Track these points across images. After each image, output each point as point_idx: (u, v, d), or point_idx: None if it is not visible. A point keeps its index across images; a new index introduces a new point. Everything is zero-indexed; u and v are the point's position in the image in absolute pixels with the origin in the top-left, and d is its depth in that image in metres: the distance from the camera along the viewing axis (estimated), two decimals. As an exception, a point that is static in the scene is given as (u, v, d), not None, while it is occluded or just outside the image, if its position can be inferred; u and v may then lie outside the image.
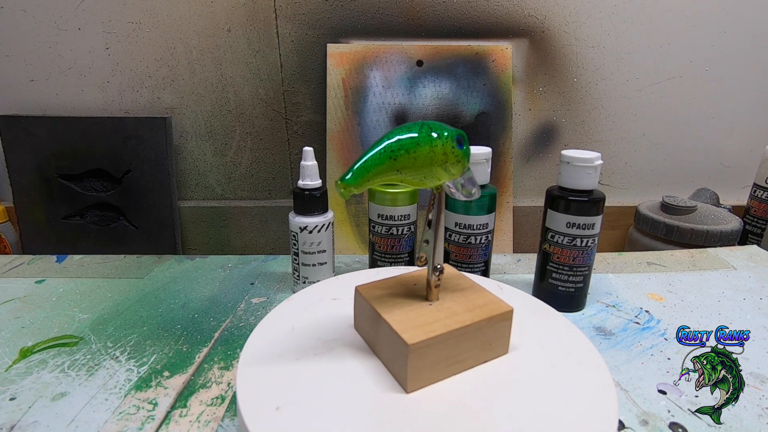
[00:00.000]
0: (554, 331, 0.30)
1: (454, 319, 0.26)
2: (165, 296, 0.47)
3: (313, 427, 0.22)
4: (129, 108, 0.74)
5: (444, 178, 0.26)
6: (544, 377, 0.26)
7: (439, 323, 0.26)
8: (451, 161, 0.25)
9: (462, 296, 0.29)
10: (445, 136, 0.24)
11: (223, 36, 0.70)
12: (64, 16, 0.69)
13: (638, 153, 0.77)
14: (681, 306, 0.46)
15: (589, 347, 0.29)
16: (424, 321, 0.26)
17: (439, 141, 0.24)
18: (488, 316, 0.26)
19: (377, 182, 0.24)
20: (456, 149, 0.25)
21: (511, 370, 0.27)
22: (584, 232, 0.41)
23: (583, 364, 0.27)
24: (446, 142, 0.24)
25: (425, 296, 0.28)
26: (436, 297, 0.28)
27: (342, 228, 0.71)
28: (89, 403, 0.32)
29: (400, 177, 0.24)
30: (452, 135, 0.25)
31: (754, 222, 0.70)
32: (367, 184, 0.23)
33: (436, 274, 0.28)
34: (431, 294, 0.28)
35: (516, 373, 0.26)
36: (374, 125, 0.70)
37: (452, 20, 0.70)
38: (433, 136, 0.24)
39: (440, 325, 0.25)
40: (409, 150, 0.23)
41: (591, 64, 0.72)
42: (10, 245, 0.75)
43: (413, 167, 0.24)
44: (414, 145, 0.24)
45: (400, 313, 0.26)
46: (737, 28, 0.71)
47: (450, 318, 0.26)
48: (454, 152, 0.25)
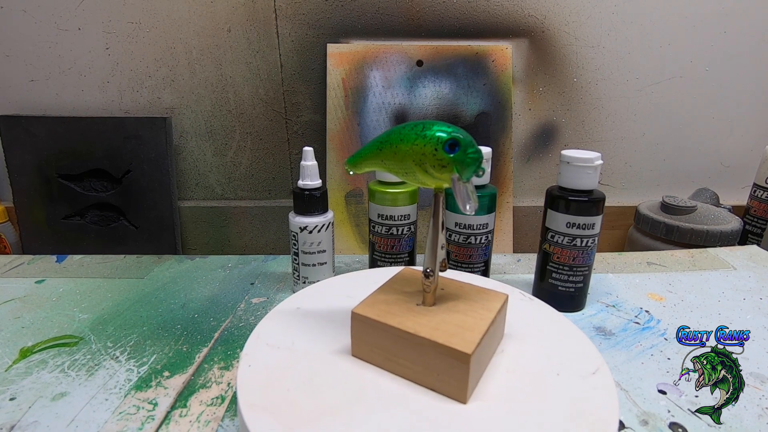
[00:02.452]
0: (554, 331, 0.30)
1: (474, 318, 0.26)
2: (165, 296, 0.47)
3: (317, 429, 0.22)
4: (129, 108, 0.74)
5: (428, 180, 0.25)
6: (544, 377, 0.26)
7: (470, 325, 0.25)
8: (431, 163, 0.24)
9: (451, 294, 0.29)
10: (426, 136, 0.24)
11: (223, 36, 0.70)
12: (64, 16, 0.69)
13: (638, 153, 0.77)
14: (681, 306, 0.46)
15: (589, 347, 0.29)
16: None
17: (421, 141, 0.24)
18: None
19: (368, 167, 0.27)
20: (440, 152, 0.24)
21: (512, 370, 0.27)
22: (584, 232, 0.41)
23: (583, 364, 0.27)
24: (427, 143, 0.24)
25: (422, 302, 0.28)
26: (431, 302, 0.28)
27: (342, 228, 0.71)
28: (89, 403, 0.32)
29: (384, 167, 0.27)
30: (436, 138, 0.24)
31: (754, 222, 0.70)
32: (361, 166, 0.27)
33: (429, 279, 0.27)
34: (427, 299, 0.28)
35: (516, 374, 0.26)
36: (374, 125, 0.70)
37: (452, 20, 0.70)
38: (418, 135, 0.24)
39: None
40: (392, 144, 0.25)
41: (591, 64, 0.72)
42: (10, 245, 0.75)
43: (394, 160, 0.26)
44: (397, 141, 0.25)
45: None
46: (737, 28, 0.71)
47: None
48: (436, 155, 0.24)
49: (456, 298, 0.28)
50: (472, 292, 0.29)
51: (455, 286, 0.30)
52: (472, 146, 0.25)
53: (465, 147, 0.24)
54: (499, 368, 0.27)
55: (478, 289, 0.29)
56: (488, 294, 0.29)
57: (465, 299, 0.28)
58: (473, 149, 0.25)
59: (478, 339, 0.24)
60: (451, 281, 0.30)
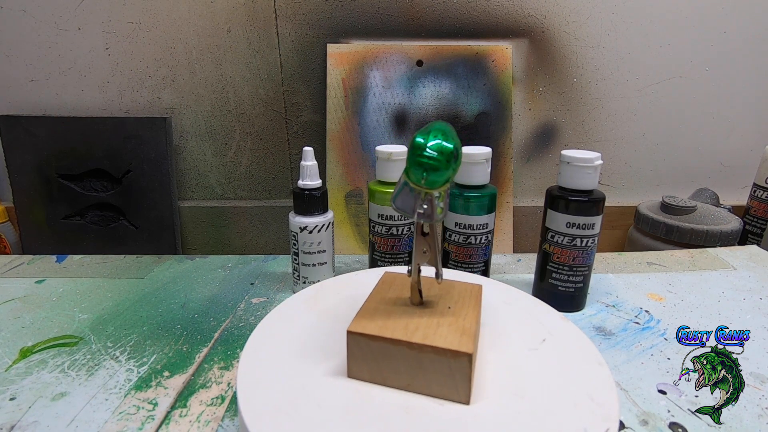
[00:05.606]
0: (554, 331, 0.30)
1: (464, 316, 0.26)
2: (165, 296, 0.47)
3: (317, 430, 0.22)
4: (129, 108, 0.74)
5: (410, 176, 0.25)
6: (544, 377, 0.26)
7: (461, 322, 0.25)
8: (408, 158, 0.24)
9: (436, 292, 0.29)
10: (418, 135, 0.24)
11: (223, 36, 0.70)
12: (64, 16, 0.69)
13: (638, 153, 0.77)
14: (681, 306, 0.46)
15: (589, 347, 0.29)
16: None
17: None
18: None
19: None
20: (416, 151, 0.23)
21: (512, 371, 0.27)
22: (584, 232, 0.41)
23: (584, 364, 0.27)
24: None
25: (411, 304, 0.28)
26: (418, 300, 0.28)
27: (342, 228, 0.71)
28: (89, 403, 0.32)
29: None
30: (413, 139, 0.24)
31: (754, 222, 0.70)
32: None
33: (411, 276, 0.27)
34: (414, 296, 0.28)
35: (516, 374, 0.26)
36: (374, 125, 0.70)
37: (452, 20, 0.70)
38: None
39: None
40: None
41: (591, 64, 0.72)
42: (10, 245, 0.75)
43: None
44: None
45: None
46: (737, 28, 0.71)
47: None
48: (413, 149, 0.24)
49: (442, 296, 0.29)
50: (452, 287, 0.30)
51: (429, 282, 0.30)
52: (422, 149, 0.23)
53: (416, 148, 0.23)
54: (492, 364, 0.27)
55: (456, 284, 0.30)
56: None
57: (449, 296, 0.29)
58: (421, 152, 0.23)
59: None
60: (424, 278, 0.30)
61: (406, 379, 0.25)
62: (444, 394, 0.24)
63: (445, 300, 0.28)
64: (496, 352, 0.28)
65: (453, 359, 0.23)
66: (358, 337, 0.25)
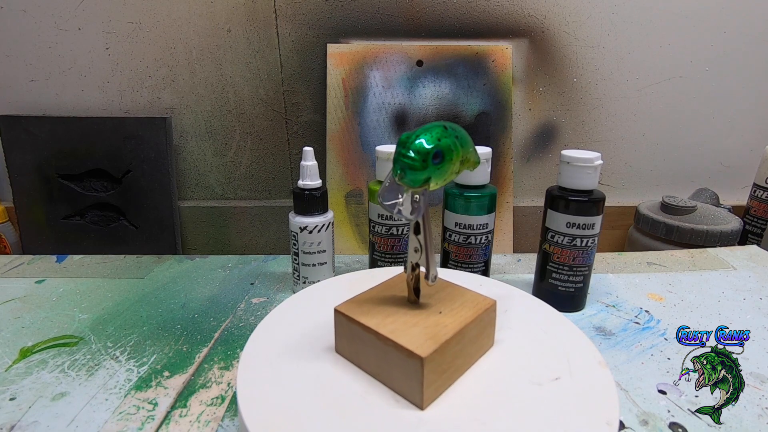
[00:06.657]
0: (554, 331, 0.30)
1: (451, 321, 0.26)
2: (165, 296, 0.47)
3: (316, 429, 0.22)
4: (129, 108, 0.74)
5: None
6: (544, 378, 0.26)
7: (439, 328, 0.25)
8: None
9: (443, 296, 0.29)
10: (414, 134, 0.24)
11: (223, 36, 0.70)
12: (64, 16, 0.69)
13: (638, 153, 0.77)
14: (681, 306, 0.46)
15: (589, 347, 0.29)
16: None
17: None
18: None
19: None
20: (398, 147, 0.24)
21: (513, 372, 0.27)
22: (584, 232, 0.41)
23: (584, 364, 0.27)
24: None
25: (408, 302, 0.28)
26: (413, 298, 0.28)
27: (342, 228, 0.71)
28: (89, 403, 0.32)
29: None
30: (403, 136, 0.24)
31: (754, 222, 0.70)
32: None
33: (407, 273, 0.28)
34: (410, 294, 0.28)
35: (517, 375, 0.26)
36: (374, 125, 0.70)
37: (452, 20, 0.70)
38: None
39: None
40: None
41: (591, 64, 0.72)
42: (10, 245, 0.75)
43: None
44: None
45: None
46: (737, 28, 0.71)
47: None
48: (397, 145, 0.24)
49: (444, 300, 0.28)
50: (462, 295, 0.29)
51: (450, 288, 0.30)
52: (402, 146, 0.24)
53: (398, 144, 0.24)
54: (491, 367, 0.27)
55: (468, 293, 0.29)
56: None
57: (451, 302, 0.28)
58: (400, 149, 0.24)
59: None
60: (448, 284, 0.30)
61: (374, 368, 0.26)
62: (404, 392, 0.24)
63: (445, 305, 0.28)
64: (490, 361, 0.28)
65: (409, 359, 0.23)
66: (342, 316, 0.27)
